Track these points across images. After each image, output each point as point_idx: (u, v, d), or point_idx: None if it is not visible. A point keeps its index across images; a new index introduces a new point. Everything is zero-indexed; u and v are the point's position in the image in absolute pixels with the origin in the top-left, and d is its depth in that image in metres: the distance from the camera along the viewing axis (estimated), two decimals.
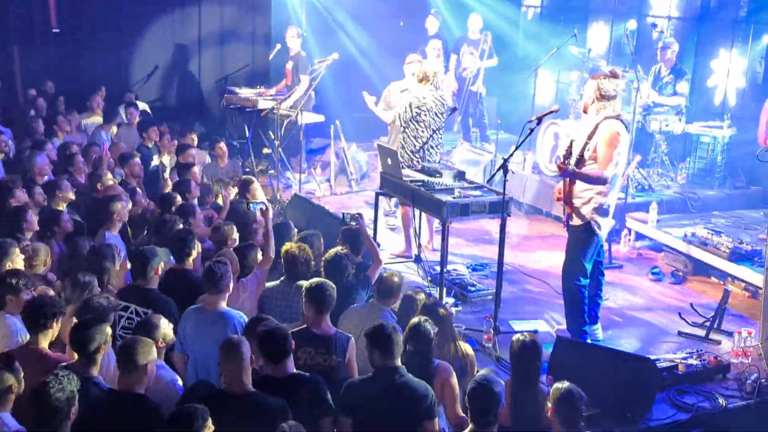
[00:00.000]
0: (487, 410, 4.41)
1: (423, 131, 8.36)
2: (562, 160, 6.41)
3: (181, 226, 6.96)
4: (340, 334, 5.36)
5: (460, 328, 6.56)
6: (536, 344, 5.08)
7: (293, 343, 4.86)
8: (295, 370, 4.79)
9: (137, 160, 8.99)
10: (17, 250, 5.96)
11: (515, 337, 5.19)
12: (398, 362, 4.76)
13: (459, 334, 6.05)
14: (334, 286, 5.49)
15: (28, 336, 5.06)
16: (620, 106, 6.57)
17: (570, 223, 6.62)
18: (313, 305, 5.33)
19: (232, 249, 6.74)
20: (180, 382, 5.03)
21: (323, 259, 6.35)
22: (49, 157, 8.97)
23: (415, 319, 5.22)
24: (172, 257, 6.38)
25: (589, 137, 6.38)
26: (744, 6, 10.93)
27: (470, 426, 4.47)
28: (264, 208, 6.90)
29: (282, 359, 4.71)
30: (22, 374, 4.39)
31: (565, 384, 4.68)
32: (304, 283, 5.57)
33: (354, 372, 5.31)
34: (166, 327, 5.07)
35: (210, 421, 4.05)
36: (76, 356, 4.71)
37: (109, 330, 4.79)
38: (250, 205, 7.20)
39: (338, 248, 6.46)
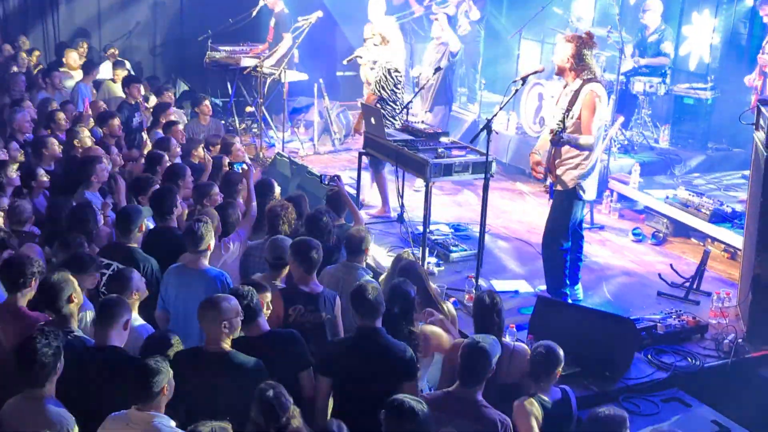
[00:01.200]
0: (476, 370, 4.44)
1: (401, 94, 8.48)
2: (555, 131, 6.34)
3: (158, 185, 6.90)
4: (327, 291, 5.37)
5: (443, 287, 6.59)
6: (493, 298, 5.08)
7: (281, 301, 4.87)
8: (268, 328, 4.80)
9: (116, 120, 8.90)
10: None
11: (476, 295, 5.23)
12: (379, 323, 4.75)
13: (441, 293, 6.08)
14: (320, 243, 5.48)
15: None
16: (600, 67, 6.54)
17: (554, 188, 6.61)
18: (300, 264, 5.32)
19: (213, 207, 6.70)
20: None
21: (304, 217, 6.34)
22: (29, 114, 8.89)
23: (395, 281, 5.23)
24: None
25: (571, 103, 6.36)
26: None
27: (457, 383, 4.50)
28: (245, 167, 6.87)
29: (253, 319, 4.71)
30: None
31: (544, 343, 4.73)
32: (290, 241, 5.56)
33: (340, 329, 5.34)
34: (138, 280, 5.07)
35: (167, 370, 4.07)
36: None
37: (72, 279, 4.77)
38: (233, 165, 7.16)
39: (318, 207, 6.44)
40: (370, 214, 8.67)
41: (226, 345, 4.51)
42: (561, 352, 4.74)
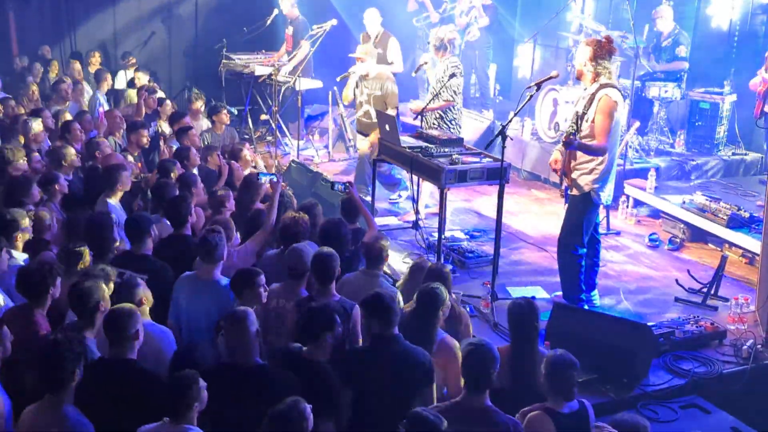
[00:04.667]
0: (480, 376, 4.40)
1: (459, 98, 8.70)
2: (568, 134, 6.34)
3: (178, 192, 6.93)
4: (344, 301, 5.35)
5: (458, 294, 6.57)
6: (533, 306, 5.07)
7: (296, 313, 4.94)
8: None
9: (145, 131, 8.95)
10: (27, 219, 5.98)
11: (511, 302, 5.20)
12: (396, 330, 4.75)
13: (458, 300, 6.07)
14: (337, 255, 5.47)
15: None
16: (615, 72, 6.53)
17: (569, 193, 6.60)
18: (316, 275, 5.34)
19: (228, 215, 6.72)
20: (172, 336, 5.05)
21: (320, 227, 6.34)
22: (45, 125, 8.94)
23: (425, 285, 5.20)
24: (167, 222, 6.38)
25: (587, 106, 6.36)
26: None
27: (464, 392, 4.47)
28: (275, 179, 6.90)
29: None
30: (9, 340, 4.42)
31: (559, 353, 4.67)
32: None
33: (358, 338, 5.30)
34: (144, 288, 5.06)
35: (200, 383, 4.05)
36: None
37: (104, 287, 4.80)
38: (260, 175, 7.18)
39: (335, 217, 6.45)
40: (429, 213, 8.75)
41: (256, 358, 4.51)
42: (573, 362, 4.59)
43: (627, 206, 9.30)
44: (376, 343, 4.74)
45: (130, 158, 8.35)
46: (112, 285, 5.24)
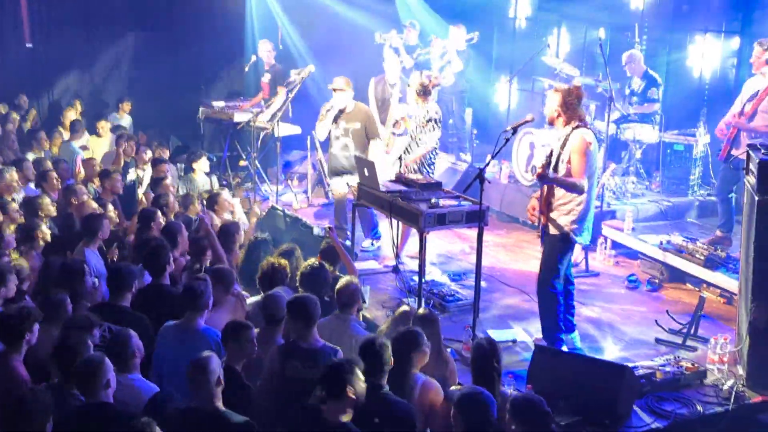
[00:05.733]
0: (482, 422, 4.37)
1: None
2: (542, 167, 6.43)
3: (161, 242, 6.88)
4: (328, 346, 5.32)
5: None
6: (493, 345, 5.06)
7: (278, 357, 5.00)
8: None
9: (118, 176, 8.94)
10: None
11: (474, 342, 5.20)
12: (383, 381, 4.74)
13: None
14: (316, 298, 5.45)
15: None
16: (589, 115, 6.65)
17: (548, 231, 6.65)
18: (298, 319, 5.28)
19: (231, 263, 6.72)
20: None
21: (299, 272, 6.33)
22: (24, 174, 8.91)
23: (404, 329, 5.22)
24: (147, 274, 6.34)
25: (562, 147, 6.46)
26: (715, 8, 11.05)
27: None
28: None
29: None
30: None
31: (523, 393, 4.63)
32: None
33: None
34: (137, 340, 5.03)
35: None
36: None
37: (89, 343, 4.78)
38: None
39: (313, 260, 6.44)
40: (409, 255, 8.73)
41: (220, 404, 4.49)
42: (541, 406, 4.49)
43: (605, 248, 9.35)
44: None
45: (110, 206, 8.33)
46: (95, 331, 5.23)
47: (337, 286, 5.95)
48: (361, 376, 4.54)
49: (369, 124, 9.23)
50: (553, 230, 6.60)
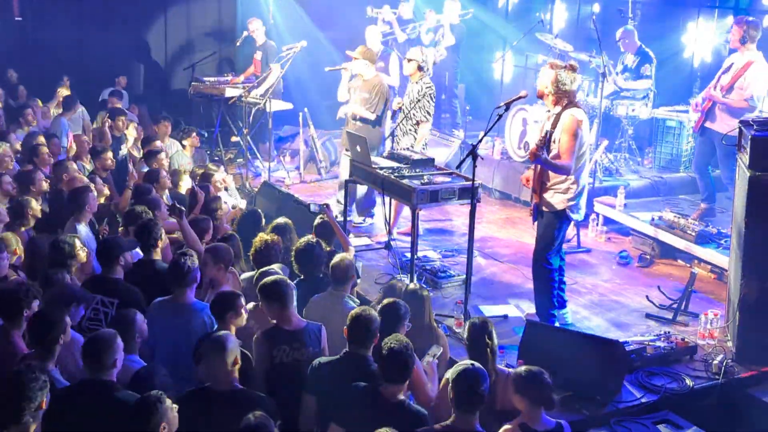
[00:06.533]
0: (471, 397, 4.39)
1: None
2: (537, 146, 6.41)
3: (150, 216, 6.87)
4: (311, 325, 5.31)
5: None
6: (486, 324, 5.09)
7: (265, 343, 5.03)
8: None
9: (109, 154, 8.89)
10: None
11: (468, 321, 5.24)
12: (368, 352, 4.80)
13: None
14: (286, 278, 5.44)
15: None
16: (581, 92, 6.62)
17: (543, 209, 6.64)
18: (276, 302, 5.21)
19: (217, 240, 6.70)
20: None
21: (294, 248, 6.32)
22: (13, 148, 8.85)
23: (385, 301, 5.28)
24: (138, 249, 6.33)
25: (553, 126, 6.43)
26: None
27: (453, 415, 4.44)
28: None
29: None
30: None
31: (526, 367, 4.68)
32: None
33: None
34: (141, 322, 5.03)
35: (168, 403, 4.01)
36: None
37: (67, 320, 4.75)
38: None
39: (309, 237, 6.44)
40: (400, 232, 8.74)
41: (235, 383, 4.49)
42: (544, 377, 4.60)
43: (597, 224, 9.37)
44: (348, 359, 4.83)
45: (100, 181, 8.28)
46: (81, 308, 5.23)
47: (332, 262, 5.94)
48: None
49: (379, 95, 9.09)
50: (547, 208, 6.60)
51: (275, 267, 6.12)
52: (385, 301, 5.34)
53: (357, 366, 4.78)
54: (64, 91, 12.01)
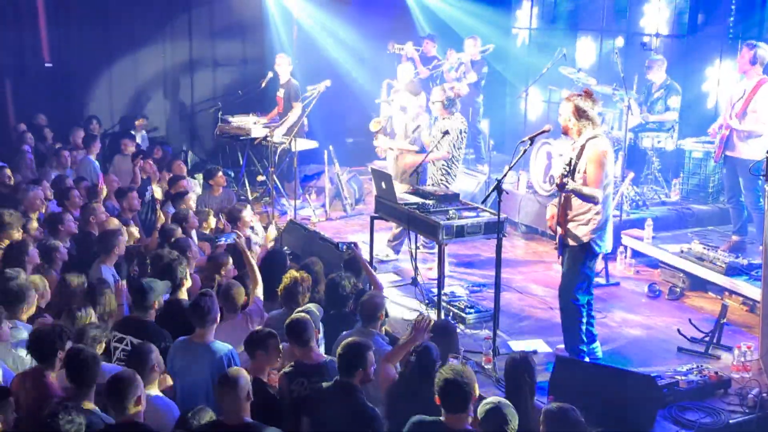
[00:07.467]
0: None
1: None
2: (560, 176, 6.41)
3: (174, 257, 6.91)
4: (331, 361, 5.37)
5: (460, 350, 6.53)
6: (527, 360, 5.07)
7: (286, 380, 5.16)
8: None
9: (135, 194, 9.00)
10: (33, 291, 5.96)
11: (508, 356, 5.21)
12: (355, 381, 4.94)
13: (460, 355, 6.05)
14: (308, 317, 5.54)
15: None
16: (600, 123, 6.61)
17: (567, 243, 6.61)
18: (294, 340, 5.42)
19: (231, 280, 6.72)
20: (177, 409, 5.01)
21: (324, 285, 6.38)
22: (43, 192, 8.97)
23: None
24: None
25: (578, 157, 6.42)
26: (731, 22, 11.00)
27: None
28: (232, 240, 6.95)
29: None
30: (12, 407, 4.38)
31: (557, 404, 4.63)
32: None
33: None
34: (157, 355, 5.08)
35: None
36: None
37: (100, 359, 4.80)
38: (221, 238, 7.27)
39: (336, 273, 6.47)
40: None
41: (247, 417, 4.53)
42: (576, 414, 4.57)
43: (625, 257, 9.30)
44: (337, 388, 4.94)
45: (132, 223, 8.39)
46: (103, 344, 5.27)
47: (361, 299, 5.99)
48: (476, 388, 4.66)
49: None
50: (572, 242, 6.56)
51: (311, 306, 6.15)
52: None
53: (347, 393, 4.88)
54: (80, 133, 12.08)
